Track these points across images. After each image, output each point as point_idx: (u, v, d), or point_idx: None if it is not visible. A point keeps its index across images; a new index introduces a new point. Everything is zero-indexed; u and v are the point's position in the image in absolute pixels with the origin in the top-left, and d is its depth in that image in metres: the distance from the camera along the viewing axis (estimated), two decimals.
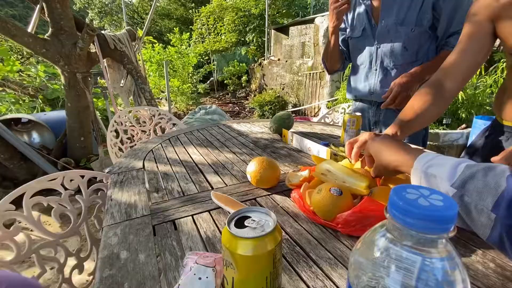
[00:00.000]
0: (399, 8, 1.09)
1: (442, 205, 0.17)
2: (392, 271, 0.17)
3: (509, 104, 0.80)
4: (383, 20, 1.13)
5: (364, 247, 0.20)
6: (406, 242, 0.18)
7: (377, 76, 1.22)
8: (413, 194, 0.18)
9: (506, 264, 0.46)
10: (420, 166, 0.45)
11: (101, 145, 2.68)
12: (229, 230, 0.30)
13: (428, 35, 1.09)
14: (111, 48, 2.58)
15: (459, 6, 1.00)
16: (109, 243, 0.48)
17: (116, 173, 0.80)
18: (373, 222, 0.51)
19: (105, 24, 15.42)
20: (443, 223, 0.17)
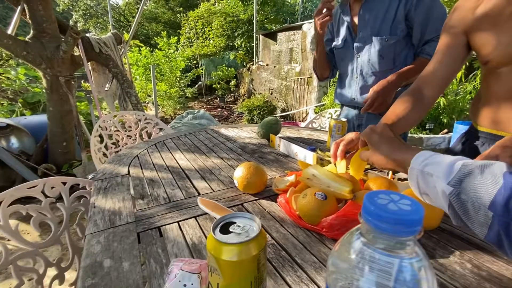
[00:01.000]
0: (374, 20, 1.17)
1: (410, 210, 0.18)
2: (366, 272, 0.19)
3: (483, 111, 0.84)
4: (360, 32, 1.22)
5: (341, 250, 0.21)
6: (378, 245, 0.19)
7: (358, 84, 1.29)
8: (384, 200, 0.19)
9: (482, 265, 0.49)
10: (416, 165, 0.45)
11: (84, 150, 2.61)
12: (213, 236, 0.30)
13: (404, 44, 1.16)
14: (96, 51, 2.53)
15: (430, 15, 1.07)
16: (92, 251, 0.47)
17: (100, 179, 0.78)
18: (356, 225, 0.52)
19: (90, 27, 15.11)
20: (409, 227, 0.18)
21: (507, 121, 0.78)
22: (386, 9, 1.14)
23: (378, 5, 1.16)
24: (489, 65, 0.77)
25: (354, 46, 1.26)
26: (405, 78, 1.11)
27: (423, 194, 0.45)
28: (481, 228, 0.36)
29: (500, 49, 0.72)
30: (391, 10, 1.13)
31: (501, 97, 0.79)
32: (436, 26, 1.07)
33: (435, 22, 1.07)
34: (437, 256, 0.51)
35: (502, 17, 0.70)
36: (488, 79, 0.81)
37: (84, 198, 0.81)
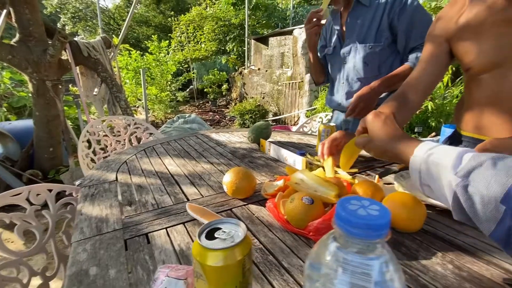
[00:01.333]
0: (360, 28, 1.21)
1: (377, 215, 0.19)
2: (340, 274, 0.20)
3: (466, 116, 0.87)
4: (347, 39, 1.26)
5: (317, 254, 0.22)
6: (350, 248, 0.20)
7: (344, 89, 1.34)
8: (355, 205, 0.21)
9: (463, 265, 0.50)
10: (420, 154, 0.42)
11: (72, 156, 2.56)
12: (199, 242, 0.31)
13: (390, 51, 1.20)
14: (85, 55, 2.50)
15: (413, 24, 1.11)
16: (78, 259, 0.47)
17: (87, 186, 0.77)
18: None
19: (79, 30, 14.91)
20: (377, 230, 0.19)
21: (489, 126, 0.81)
22: (372, 18, 1.18)
23: (364, 13, 1.20)
24: (471, 72, 0.80)
25: (341, 53, 1.30)
26: (389, 84, 1.15)
27: (424, 185, 0.42)
28: (488, 224, 0.34)
29: (481, 57, 0.75)
30: (376, 18, 1.17)
31: (483, 103, 0.82)
32: (420, 34, 1.11)
33: (419, 30, 1.11)
34: (420, 257, 0.52)
35: (483, 26, 0.74)
36: (470, 86, 0.84)
37: (71, 205, 0.80)
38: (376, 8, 1.17)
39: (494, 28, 0.71)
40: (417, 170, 0.43)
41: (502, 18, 0.70)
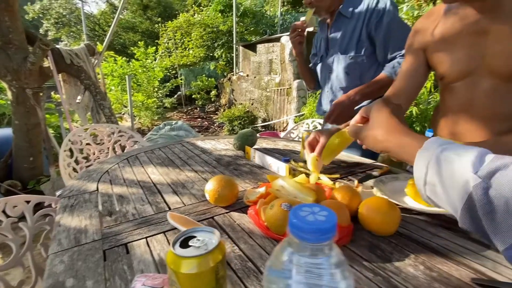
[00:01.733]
0: (342, 39, 1.26)
1: (324, 220, 0.21)
2: (294, 275, 0.21)
3: (441, 122, 0.92)
4: (331, 49, 1.32)
5: (275, 259, 0.23)
6: (302, 252, 0.21)
7: (329, 97, 1.39)
8: (306, 212, 0.22)
9: (434, 266, 0.53)
10: (432, 147, 0.38)
11: (53, 165, 2.48)
12: (172, 251, 0.32)
13: (372, 61, 1.25)
14: (67, 62, 2.46)
15: (390, 35, 1.16)
16: (55, 271, 0.46)
17: (67, 196, 0.76)
18: None
19: (62, 36, 14.60)
20: (324, 234, 0.21)
21: (462, 132, 0.85)
22: (353, 29, 1.23)
23: (346, 24, 1.25)
24: (445, 81, 0.85)
25: (327, 62, 1.36)
26: (365, 93, 1.20)
27: (429, 184, 0.37)
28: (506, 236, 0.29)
29: (454, 66, 0.80)
30: (357, 29, 1.22)
31: (456, 110, 0.87)
32: (398, 44, 1.16)
33: (396, 41, 1.17)
34: (394, 259, 0.54)
35: (456, 36, 0.78)
36: (444, 93, 0.89)
37: (50, 217, 0.78)
38: (357, 20, 1.22)
39: (466, 38, 0.76)
40: (425, 165, 0.37)
41: (473, 29, 0.75)
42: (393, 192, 0.81)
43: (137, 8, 15.86)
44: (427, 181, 0.37)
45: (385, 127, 0.47)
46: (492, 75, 0.75)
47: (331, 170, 1.03)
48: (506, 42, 0.70)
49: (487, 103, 0.78)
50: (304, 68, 1.50)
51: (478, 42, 0.74)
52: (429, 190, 0.38)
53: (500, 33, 0.70)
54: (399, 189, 0.81)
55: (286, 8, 9.85)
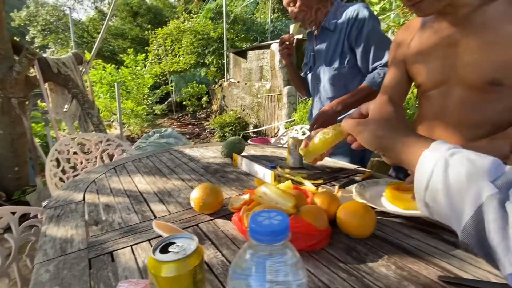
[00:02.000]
0: (326, 51, 1.32)
1: (277, 223, 0.24)
2: (253, 273, 0.24)
3: (419, 128, 0.97)
4: (317, 61, 1.38)
5: (238, 260, 0.26)
6: (261, 252, 0.24)
7: (317, 107, 1.45)
8: (263, 217, 0.25)
9: (405, 266, 0.56)
10: (441, 149, 0.34)
11: (39, 175, 2.44)
12: (152, 256, 0.34)
13: (355, 72, 1.32)
14: (54, 71, 2.44)
15: (370, 46, 1.22)
16: (40, 280, 0.47)
17: (53, 207, 0.77)
18: (297, 237, 0.58)
19: (50, 42, 14.40)
20: (277, 236, 0.24)
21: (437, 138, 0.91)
22: (336, 41, 1.29)
23: (330, 37, 1.32)
24: (421, 89, 0.91)
25: (315, 73, 1.42)
26: (346, 104, 1.25)
27: (431, 189, 0.34)
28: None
29: (430, 76, 0.86)
30: (340, 42, 1.28)
31: (431, 117, 0.92)
32: (378, 55, 1.22)
33: (376, 52, 1.23)
34: (368, 260, 0.58)
35: (431, 48, 0.84)
36: (421, 101, 0.95)
37: (36, 227, 0.78)
38: (339, 32, 1.28)
39: (439, 50, 0.82)
40: (430, 167, 0.33)
41: (446, 42, 0.80)
42: (373, 196, 0.84)
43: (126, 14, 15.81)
44: (430, 185, 0.33)
45: (386, 123, 0.43)
46: (463, 84, 0.81)
47: (315, 175, 1.07)
48: (475, 54, 0.75)
49: (459, 111, 0.84)
50: (295, 77, 1.56)
51: (450, 54, 0.80)
52: (430, 196, 0.34)
53: (469, 45, 0.76)
54: (378, 193, 0.85)
55: (276, 15, 10.02)
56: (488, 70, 0.75)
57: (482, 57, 0.75)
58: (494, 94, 0.78)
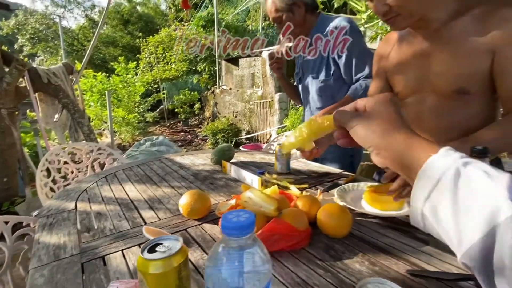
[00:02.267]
0: (313, 64, 1.40)
1: (243, 220, 0.29)
2: (224, 263, 0.28)
3: None
4: (305, 74, 1.46)
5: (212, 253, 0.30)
6: (231, 244, 0.29)
7: (308, 116, 1.53)
8: (233, 216, 0.30)
9: (377, 261, 0.61)
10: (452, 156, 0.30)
11: (29, 186, 2.43)
12: (141, 255, 0.38)
13: (341, 83, 1.39)
14: (45, 82, 2.45)
15: (352, 59, 1.29)
16: (35, 284, 0.50)
17: (45, 216, 0.79)
18: (279, 238, 0.63)
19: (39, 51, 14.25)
20: (243, 230, 0.29)
21: None
22: (321, 55, 1.36)
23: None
24: (399, 97, 0.98)
25: (304, 84, 1.49)
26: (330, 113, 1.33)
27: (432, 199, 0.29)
28: None
29: (406, 85, 0.93)
30: (325, 55, 1.35)
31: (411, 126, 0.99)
32: (360, 67, 1.30)
33: (358, 64, 1.30)
34: (344, 258, 0.62)
35: (407, 59, 0.91)
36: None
37: (28, 236, 0.80)
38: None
39: (415, 61, 0.89)
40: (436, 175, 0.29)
41: (420, 53, 0.88)
42: (353, 198, 0.90)
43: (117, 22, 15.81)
44: (432, 196, 0.29)
45: (388, 121, 0.37)
46: (435, 93, 0.88)
47: (301, 180, 1.12)
48: (444, 65, 0.83)
49: (432, 117, 0.91)
50: (288, 88, 1.64)
51: (424, 64, 0.87)
52: (430, 207, 0.29)
53: (439, 57, 0.83)
54: (359, 196, 0.90)
55: (267, 22, 10.17)
56: (455, 80, 0.83)
57: (450, 68, 0.83)
58: (461, 102, 0.85)
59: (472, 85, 0.82)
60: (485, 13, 0.77)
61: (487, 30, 0.76)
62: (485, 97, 0.84)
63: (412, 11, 0.79)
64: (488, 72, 0.79)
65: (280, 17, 1.35)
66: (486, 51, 0.77)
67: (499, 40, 0.74)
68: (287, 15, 1.33)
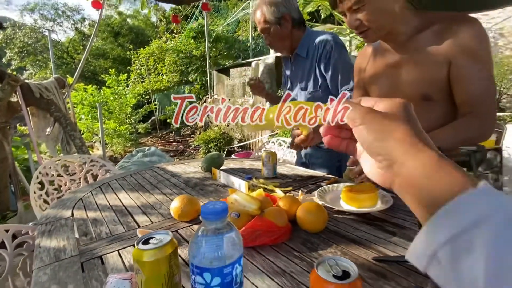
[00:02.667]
0: (301, 76, 1.49)
1: (218, 207, 0.36)
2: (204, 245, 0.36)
3: None
4: (293, 84, 1.55)
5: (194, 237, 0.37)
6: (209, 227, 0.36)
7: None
8: (211, 205, 0.37)
9: (348, 251, 0.68)
10: (497, 195, 0.23)
11: (21, 199, 2.43)
12: (137, 247, 0.44)
13: (327, 95, 1.49)
14: (37, 96, 2.49)
15: (337, 72, 1.38)
16: (40, 281, 0.56)
17: (44, 223, 0.85)
18: (260, 233, 0.70)
19: (27, 65, 14.15)
20: (217, 214, 0.36)
21: None
22: (309, 67, 1.46)
23: (303, 64, 1.48)
24: None
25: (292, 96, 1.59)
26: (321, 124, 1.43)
27: (462, 248, 0.22)
28: None
29: (380, 91, 1.04)
30: (312, 68, 1.45)
31: None
32: (345, 79, 1.40)
33: (343, 77, 1.40)
34: (319, 249, 0.70)
35: (380, 69, 1.02)
36: None
37: (27, 243, 0.85)
38: (311, 59, 1.45)
39: (387, 70, 1.00)
40: (471, 218, 0.22)
41: (391, 63, 0.99)
42: (332, 198, 0.98)
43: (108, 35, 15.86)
44: (461, 239, 0.22)
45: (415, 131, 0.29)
46: (405, 99, 0.98)
47: (286, 184, 1.19)
48: (410, 73, 0.94)
49: None
50: (274, 102, 1.74)
51: (394, 73, 0.98)
52: (450, 252, 0.23)
53: (406, 66, 0.94)
54: (337, 196, 0.98)
55: (257, 32, 10.39)
56: (420, 87, 0.93)
57: (415, 76, 0.93)
58: (426, 107, 0.95)
59: (434, 91, 0.93)
60: (442, 29, 0.88)
61: (443, 43, 0.87)
62: (446, 102, 0.94)
63: (380, 26, 0.90)
64: (446, 79, 0.90)
65: (268, 29, 1.42)
66: (444, 61, 0.88)
67: (453, 51, 0.85)
68: (274, 28, 1.41)
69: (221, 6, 11.67)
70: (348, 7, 0.89)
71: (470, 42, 0.84)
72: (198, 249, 0.36)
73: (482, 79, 0.86)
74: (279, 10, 1.40)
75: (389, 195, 0.94)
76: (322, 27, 4.95)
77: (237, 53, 9.35)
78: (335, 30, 3.98)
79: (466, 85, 0.88)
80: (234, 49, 9.46)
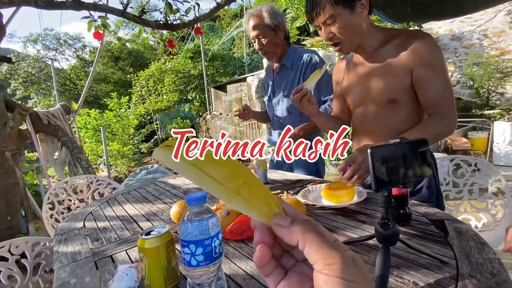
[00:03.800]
0: (285, 85, 1.63)
1: (199, 195, 0.48)
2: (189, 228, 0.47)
3: (354, 140, 1.27)
4: (276, 92, 1.69)
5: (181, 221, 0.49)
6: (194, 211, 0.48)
7: (277, 129, 1.74)
8: (194, 195, 0.49)
9: None
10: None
11: (32, 222, 2.55)
12: (141, 238, 0.56)
13: None
14: (45, 123, 2.66)
15: (321, 83, 1.51)
16: (61, 276, 0.67)
17: (60, 234, 0.96)
18: (246, 228, 0.81)
19: (31, 93, 14.56)
20: (198, 200, 0.47)
21: (363, 144, 1.19)
22: (293, 77, 1.61)
23: (288, 74, 1.63)
24: (350, 108, 1.22)
25: (273, 102, 1.71)
26: (307, 130, 1.56)
27: None
28: None
29: (354, 98, 1.18)
30: (296, 78, 1.60)
31: (358, 128, 1.23)
32: (328, 91, 1.54)
33: (326, 89, 1.55)
34: None
35: (353, 78, 1.16)
36: (352, 118, 1.26)
37: (45, 253, 0.96)
38: (296, 70, 1.60)
39: (359, 78, 1.14)
40: None
41: (361, 72, 1.13)
42: (315, 197, 1.09)
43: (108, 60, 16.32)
44: None
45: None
46: (374, 103, 1.11)
47: (276, 188, 1.30)
48: (378, 81, 1.07)
49: (372, 123, 1.14)
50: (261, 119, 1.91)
51: (365, 81, 1.11)
52: None
53: (375, 74, 1.08)
54: (319, 194, 1.09)
55: (252, 48, 10.71)
56: (386, 92, 1.06)
57: (382, 83, 1.07)
58: (393, 109, 1.08)
59: (399, 95, 1.06)
60: (403, 42, 1.02)
61: (405, 54, 1.01)
62: (411, 105, 1.07)
63: (350, 40, 1.05)
64: (410, 85, 1.03)
65: (264, 33, 1.54)
66: (406, 70, 1.01)
67: (413, 62, 0.99)
68: (270, 34, 1.56)
69: (215, 25, 12.11)
70: (322, 21, 1.04)
71: (426, 54, 0.98)
72: (186, 228, 0.47)
73: (439, 84, 1.00)
74: (276, 19, 1.56)
75: (364, 190, 1.05)
76: (312, 40, 5.17)
77: (233, 69, 9.64)
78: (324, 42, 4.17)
79: (426, 91, 1.01)
80: (230, 66, 9.75)
